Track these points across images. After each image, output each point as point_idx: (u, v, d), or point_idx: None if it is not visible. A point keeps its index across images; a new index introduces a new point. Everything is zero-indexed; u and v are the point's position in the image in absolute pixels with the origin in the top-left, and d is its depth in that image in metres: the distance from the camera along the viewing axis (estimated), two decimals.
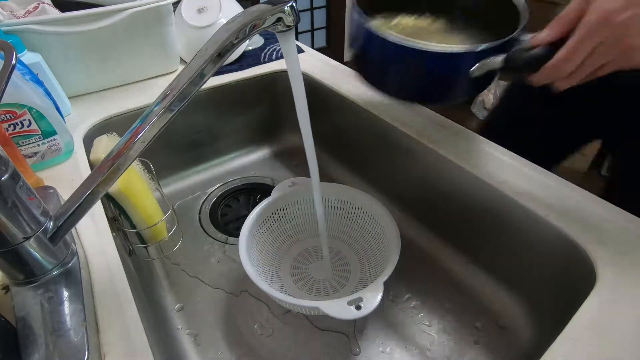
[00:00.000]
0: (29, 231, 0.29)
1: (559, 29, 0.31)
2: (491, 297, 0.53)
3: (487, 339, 0.49)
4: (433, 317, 0.51)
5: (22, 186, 0.28)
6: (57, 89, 0.58)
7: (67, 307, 0.31)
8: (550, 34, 0.32)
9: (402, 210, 0.65)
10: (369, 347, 0.48)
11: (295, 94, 0.34)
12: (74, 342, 0.29)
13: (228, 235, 0.64)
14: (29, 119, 0.47)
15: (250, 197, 0.72)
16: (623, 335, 0.33)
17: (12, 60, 0.33)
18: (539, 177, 0.48)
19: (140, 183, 0.49)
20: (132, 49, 0.65)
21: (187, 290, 0.55)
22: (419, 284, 0.55)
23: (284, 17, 0.27)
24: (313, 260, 0.57)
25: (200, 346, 0.48)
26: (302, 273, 0.55)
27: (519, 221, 0.46)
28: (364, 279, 0.53)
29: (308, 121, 0.36)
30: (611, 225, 0.42)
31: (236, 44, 0.26)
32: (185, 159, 0.74)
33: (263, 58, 0.78)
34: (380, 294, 0.40)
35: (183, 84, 0.26)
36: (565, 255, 0.42)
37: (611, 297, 0.35)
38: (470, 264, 0.56)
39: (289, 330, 0.50)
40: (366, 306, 0.38)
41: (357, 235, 0.58)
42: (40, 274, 0.32)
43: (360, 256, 0.56)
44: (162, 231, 0.52)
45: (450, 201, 0.56)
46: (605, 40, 0.29)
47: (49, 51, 0.57)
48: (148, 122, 0.26)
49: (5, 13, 0.59)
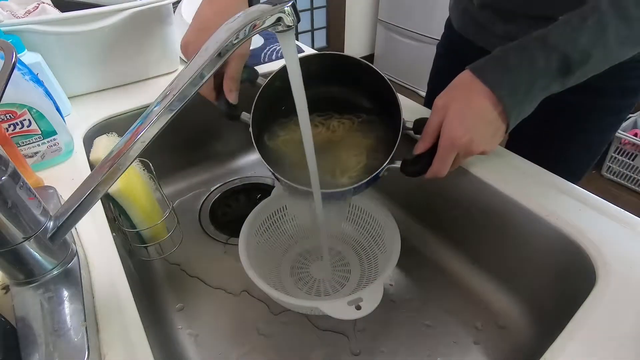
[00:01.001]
0: (29, 231, 0.29)
1: (429, 140, 0.43)
2: (491, 297, 0.53)
3: (487, 339, 0.49)
4: (433, 317, 0.51)
5: (22, 186, 0.28)
6: (57, 89, 0.58)
7: (67, 307, 0.31)
8: (425, 145, 0.44)
9: (403, 211, 0.65)
10: (369, 347, 0.48)
11: (295, 94, 0.34)
12: (74, 342, 0.29)
13: (228, 235, 0.64)
14: (29, 119, 0.47)
15: (250, 197, 0.72)
16: (623, 335, 0.33)
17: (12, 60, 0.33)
18: (538, 177, 0.48)
19: (140, 183, 0.49)
20: (132, 49, 0.65)
21: (187, 290, 0.55)
22: (419, 284, 0.55)
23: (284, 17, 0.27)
24: (313, 260, 0.57)
25: (201, 346, 0.48)
26: (302, 273, 0.55)
27: (519, 221, 0.46)
28: (364, 279, 0.53)
29: (308, 121, 0.36)
30: (611, 225, 0.42)
31: (236, 44, 0.26)
32: (185, 159, 0.74)
33: (263, 58, 0.78)
34: (380, 294, 0.40)
35: (183, 84, 0.26)
36: (565, 255, 0.42)
37: (611, 297, 0.35)
38: (470, 264, 0.56)
39: (289, 330, 0.50)
40: (366, 306, 0.38)
41: (357, 235, 0.58)
42: (40, 274, 0.32)
43: (360, 256, 0.56)
44: (162, 231, 0.52)
45: (450, 201, 0.56)
46: (457, 152, 0.41)
47: (49, 51, 0.57)
48: (148, 122, 0.26)
49: (5, 13, 0.59)
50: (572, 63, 0.38)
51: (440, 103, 0.43)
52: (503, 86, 0.40)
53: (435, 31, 2.12)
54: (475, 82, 0.41)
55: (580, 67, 0.39)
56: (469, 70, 0.42)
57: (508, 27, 0.55)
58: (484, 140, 0.42)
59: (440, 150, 0.42)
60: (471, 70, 0.42)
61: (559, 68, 0.39)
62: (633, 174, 1.63)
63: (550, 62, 0.39)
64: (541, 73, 0.39)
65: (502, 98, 0.40)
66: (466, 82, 0.42)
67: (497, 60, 0.41)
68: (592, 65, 0.39)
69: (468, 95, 0.41)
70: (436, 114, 0.43)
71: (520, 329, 0.49)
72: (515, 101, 0.40)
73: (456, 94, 0.42)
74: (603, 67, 0.40)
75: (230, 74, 0.45)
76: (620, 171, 1.67)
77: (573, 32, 0.38)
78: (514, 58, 0.40)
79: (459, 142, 0.41)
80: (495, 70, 0.41)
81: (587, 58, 0.38)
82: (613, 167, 1.68)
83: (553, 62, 0.39)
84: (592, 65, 0.39)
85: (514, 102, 0.40)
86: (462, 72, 0.43)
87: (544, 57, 0.39)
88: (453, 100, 0.42)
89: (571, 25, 0.38)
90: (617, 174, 1.69)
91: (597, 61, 0.39)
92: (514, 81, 0.40)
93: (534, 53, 0.39)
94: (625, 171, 1.65)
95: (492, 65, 0.41)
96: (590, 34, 0.38)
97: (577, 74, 0.39)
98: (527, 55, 0.39)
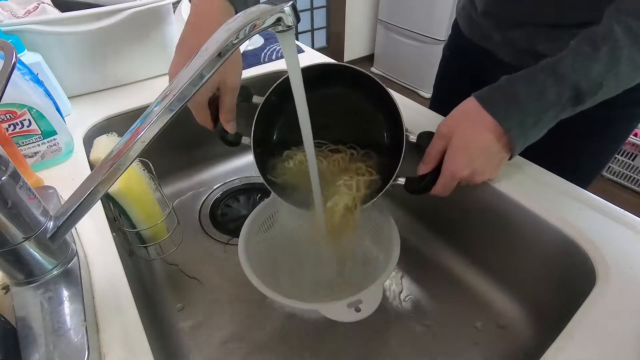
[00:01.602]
0: (29, 231, 0.29)
1: (431, 164, 0.44)
2: (491, 297, 0.53)
3: (487, 339, 0.49)
4: (433, 317, 0.51)
5: (22, 186, 0.28)
6: (57, 89, 0.58)
7: (67, 307, 0.31)
8: (427, 168, 0.44)
9: (403, 211, 0.65)
10: (369, 347, 0.48)
11: (295, 94, 0.34)
12: (74, 342, 0.29)
13: (228, 235, 0.64)
14: (29, 119, 0.47)
15: (250, 197, 0.72)
16: (623, 335, 0.33)
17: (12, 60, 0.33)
18: (539, 177, 0.48)
19: (140, 183, 0.49)
20: (132, 49, 0.65)
21: (187, 290, 0.55)
22: (419, 284, 0.55)
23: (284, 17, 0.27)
24: (313, 261, 0.57)
25: (200, 346, 0.48)
26: (302, 274, 0.55)
27: (519, 221, 0.46)
28: (364, 280, 0.53)
29: (308, 121, 0.36)
30: (611, 225, 0.42)
31: (236, 44, 0.26)
32: (185, 159, 0.74)
33: (263, 58, 0.78)
34: (380, 295, 0.40)
35: (183, 84, 0.26)
36: (565, 255, 0.42)
37: (611, 297, 0.35)
38: (470, 264, 0.56)
39: (290, 331, 0.50)
40: (366, 308, 0.38)
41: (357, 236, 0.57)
42: (40, 274, 0.32)
43: (360, 257, 0.56)
44: (162, 231, 0.52)
45: (450, 201, 0.56)
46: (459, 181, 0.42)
47: (49, 51, 0.57)
48: (148, 122, 0.26)
49: (5, 13, 0.59)
50: (584, 93, 0.38)
51: (445, 130, 0.42)
52: (511, 119, 0.39)
53: (435, 31, 2.12)
54: (482, 113, 0.40)
55: (592, 97, 0.38)
56: (476, 100, 0.41)
57: (511, 34, 0.54)
58: (487, 171, 0.43)
59: (442, 178, 0.43)
60: (478, 99, 0.41)
61: (570, 98, 0.38)
62: (633, 174, 1.63)
63: (562, 93, 0.38)
64: (551, 104, 0.38)
65: (508, 130, 0.39)
66: (472, 112, 0.41)
67: (504, 91, 0.40)
68: (604, 94, 0.38)
69: (473, 126, 0.41)
70: (440, 139, 0.42)
71: (520, 329, 0.49)
72: (522, 132, 0.40)
73: (461, 123, 0.42)
74: (615, 94, 0.39)
75: (226, 108, 0.45)
76: (620, 171, 1.67)
77: (585, 63, 0.37)
78: (523, 90, 0.39)
79: (461, 175, 0.41)
80: (503, 102, 0.40)
81: (599, 88, 0.37)
82: (613, 167, 1.68)
83: (564, 94, 0.38)
84: (604, 94, 0.38)
85: (521, 133, 0.40)
86: (468, 100, 0.42)
87: (554, 88, 0.38)
88: (458, 129, 0.41)
89: (583, 55, 0.37)
90: (617, 174, 1.69)
91: (609, 89, 0.38)
92: (522, 114, 0.39)
93: (543, 84, 0.38)
94: (625, 171, 1.65)
95: (499, 97, 0.40)
96: (604, 64, 0.36)
97: (588, 102, 0.39)
98: (536, 87, 0.38)
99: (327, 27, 2.56)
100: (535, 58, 0.54)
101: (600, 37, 0.37)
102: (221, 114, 0.46)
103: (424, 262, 0.58)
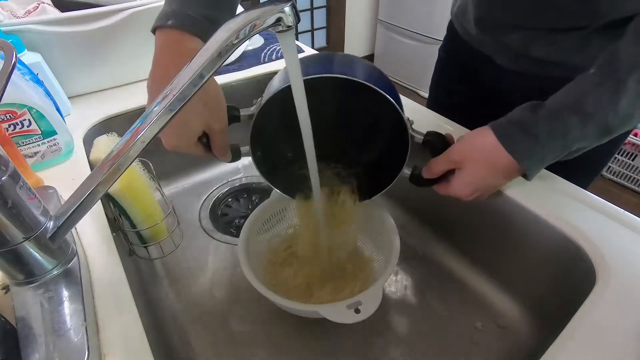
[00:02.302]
0: (29, 231, 0.29)
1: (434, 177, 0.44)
2: (491, 297, 0.53)
3: (487, 339, 0.49)
4: (433, 317, 0.51)
5: (22, 186, 0.29)
6: (57, 89, 0.58)
7: (67, 307, 0.31)
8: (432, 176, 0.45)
9: (403, 212, 0.65)
10: (369, 348, 0.48)
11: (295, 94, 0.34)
12: (74, 342, 0.29)
13: (228, 235, 0.64)
14: (29, 119, 0.47)
15: (250, 198, 0.72)
16: (623, 335, 0.33)
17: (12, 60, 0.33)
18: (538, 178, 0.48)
19: (140, 183, 0.49)
20: (132, 49, 0.65)
21: (187, 291, 0.55)
22: (419, 284, 0.55)
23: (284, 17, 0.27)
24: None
25: (201, 346, 0.48)
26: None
27: (519, 222, 0.46)
28: (364, 282, 0.53)
29: (308, 122, 0.36)
30: (611, 225, 0.42)
31: (236, 44, 0.26)
32: (185, 159, 0.74)
33: (263, 58, 0.78)
34: (380, 296, 0.40)
35: (183, 84, 0.26)
36: (565, 255, 0.42)
37: (611, 297, 0.35)
38: (470, 264, 0.56)
39: (290, 332, 0.50)
40: (365, 310, 0.38)
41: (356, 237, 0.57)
42: (40, 274, 0.32)
43: (360, 258, 0.56)
44: (162, 231, 0.52)
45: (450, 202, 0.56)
46: None
47: (49, 51, 0.57)
48: (148, 122, 0.26)
49: (5, 13, 0.59)
50: (613, 127, 0.36)
51: (457, 158, 0.41)
52: (531, 157, 0.38)
53: (435, 31, 2.12)
54: (499, 151, 0.38)
55: (621, 128, 0.37)
56: (494, 134, 0.39)
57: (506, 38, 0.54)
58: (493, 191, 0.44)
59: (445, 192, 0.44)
60: (496, 134, 0.39)
61: (597, 133, 0.37)
62: (633, 174, 1.63)
63: (587, 130, 0.36)
64: (575, 140, 0.37)
65: (527, 168, 0.39)
66: (488, 148, 0.39)
67: (525, 130, 0.38)
68: (633, 124, 0.37)
69: (488, 165, 0.40)
70: (449, 164, 0.42)
71: (520, 329, 0.49)
72: (540, 166, 0.39)
73: (475, 156, 0.40)
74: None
75: (218, 146, 0.42)
76: (620, 171, 1.67)
77: (612, 98, 0.35)
78: (545, 129, 0.37)
79: (467, 198, 0.42)
80: (524, 141, 0.38)
81: (629, 119, 0.36)
82: (613, 167, 1.68)
83: (590, 130, 0.36)
84: (633, 124, 0.37)
85: (539, 166, 0.39)
86: (485, 132, 0.40)
87: (579, 126, 0.36)
88: (470, 163, 0.40)
89: (608, 90, 0.35)
90: (617, 174, 1.69)
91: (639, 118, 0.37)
92: (543, 153, 0.38)
93: (567, 123, 0.36)
94: (625, 171, 1.65)
95: (520, 136, 0.38)
96: (631, 96, 0.35)
97: (615, 133, 0.37)
98: (560, 125, 0.36)
99: (327, 27, 2.56)
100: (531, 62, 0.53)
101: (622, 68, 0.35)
102: (214, 151, 0.43)
103: (423, 262, 0.58)
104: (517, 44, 0.53)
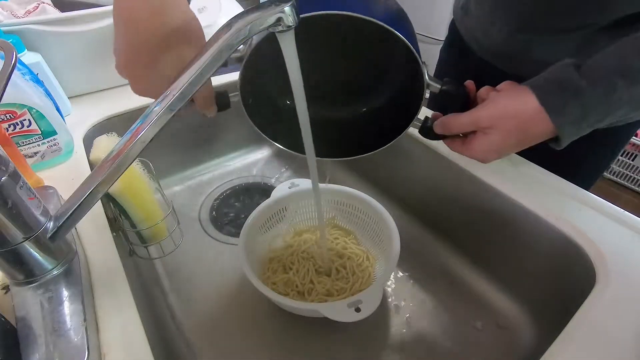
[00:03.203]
0: (29, 231, 0.29)
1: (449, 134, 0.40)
2: (491, 297, 0.53)
3: (487, 339, 0.49)
4: (433, 317, 0.51)
5: (22, 186, 0.29)
6: (57, 89, 0.58)
7: (67, 307, 0.31)
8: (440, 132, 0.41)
9: (403, 211, 0.65)
10: (370, 348, 0.48)
11: (295, 94, 0.34)
12: (74, 342, 0.29)
13: (228, 235, 0.64)
14: (29, 119, 0.47)
15: (250, 198, 0.72)
16: (622, 335, 0.33)
17: (12, 60, 0.33)
18: (538, 178, 0.48)
19: (140, 183, 0.49)
20: None
21: (187, 290, 0.55)
22: (418, 284, 0.55)
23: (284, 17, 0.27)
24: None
25: (201, 347, 0.48)
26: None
27: (519, 222, 0.46)
28: (364, 281, 0.53)
29: (308, 122, 0.36)
30: (611, 225, 0.42)
31: (236, 44, 0.26)
32: (185, 159, 0.74)
33: None
34: (380, 296, 0.40)
35: (183, 84, 0.26)
36: (565, 255, 0.42)
37: (611, 297, 0.35)
38: (470, 264, 0.56)
39: (290, 331, 0.50)
40: (366, 308, 0.38)
41: (356, 236, 0.57)
42: (40, 274, 0.32)
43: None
44: (162, 231, 0.52)
45: (450, 202, 0.56)
46: None
47: (49, 51, 0.57)
48: (148, 122, 0.26)
49: (5, 13, 0.59)
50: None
51: (486, 124, 0.37)
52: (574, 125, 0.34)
53: (436, 32, 2.12)
54: (540, 119, 0.34)
55: None
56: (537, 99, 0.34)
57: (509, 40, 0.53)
58: None
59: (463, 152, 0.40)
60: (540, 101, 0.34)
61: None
62: (633, 174, 1.63)
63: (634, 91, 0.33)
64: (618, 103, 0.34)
65: (567, 135, 0.35)
66: (527, 115, 0.35)
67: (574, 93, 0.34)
68: None
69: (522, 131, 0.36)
70: (475, 127, 0.38)
71: (520, 329, 0.49)
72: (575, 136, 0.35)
73: (509, 124, 0.36)
74: None
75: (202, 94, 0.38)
76: (621, 171, 1.67)
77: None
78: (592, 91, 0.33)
79: (487, 160, 0.39)
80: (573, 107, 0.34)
81: None
82: (613, 167, 1.68)
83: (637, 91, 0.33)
84: None
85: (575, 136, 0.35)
86: (522, 96, 0.36)
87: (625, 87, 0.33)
88: (502, 131, 0.36)
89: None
90: (617, 174, 1.69)
91: None
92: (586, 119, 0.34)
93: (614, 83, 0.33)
94: (625, 171, 1.65)
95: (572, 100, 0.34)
96: None
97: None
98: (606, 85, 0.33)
99: None
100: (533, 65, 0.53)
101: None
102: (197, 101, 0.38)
103: (423, 262, 0.58)
104: (519, 46, 0.53)
